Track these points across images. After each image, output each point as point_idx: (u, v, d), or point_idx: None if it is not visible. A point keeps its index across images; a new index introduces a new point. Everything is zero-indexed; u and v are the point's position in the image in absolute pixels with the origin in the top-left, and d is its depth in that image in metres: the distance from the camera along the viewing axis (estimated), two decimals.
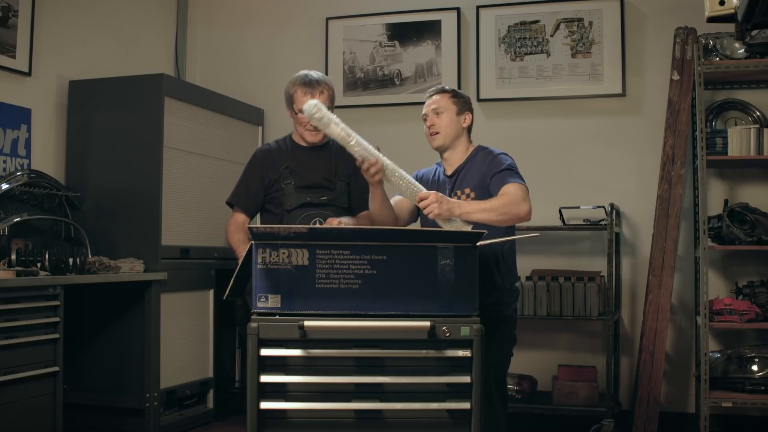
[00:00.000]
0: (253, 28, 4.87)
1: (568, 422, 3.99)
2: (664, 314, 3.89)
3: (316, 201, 2.99)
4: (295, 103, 3.00)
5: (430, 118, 2.82)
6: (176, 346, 3.84)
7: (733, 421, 3.92)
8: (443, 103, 2.82)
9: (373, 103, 4.57)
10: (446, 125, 2.80)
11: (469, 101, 2.90)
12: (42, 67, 3.81)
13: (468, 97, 2.91)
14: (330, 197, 3.02)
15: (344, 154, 3.04)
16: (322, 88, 2.98)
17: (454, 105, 2.83)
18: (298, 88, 2.99)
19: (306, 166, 3.05)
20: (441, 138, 2.80)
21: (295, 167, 3.04)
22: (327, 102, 2.97)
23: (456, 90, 2.90)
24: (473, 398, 2.10)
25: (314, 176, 3.03)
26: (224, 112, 4.29)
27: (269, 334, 2.11)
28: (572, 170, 4.29)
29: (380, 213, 2.73)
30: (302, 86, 2.98)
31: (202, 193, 4.05)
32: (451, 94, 2.85)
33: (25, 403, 2.94)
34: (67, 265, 3.26)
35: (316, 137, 3.03)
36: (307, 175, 3.03)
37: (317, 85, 2.98)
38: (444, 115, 2.80)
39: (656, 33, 4.20)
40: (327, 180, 3.05)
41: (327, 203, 3.01)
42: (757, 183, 4.03)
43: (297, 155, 3.07)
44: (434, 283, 2.15)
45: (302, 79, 3.01)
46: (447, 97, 2.84)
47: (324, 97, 2.97)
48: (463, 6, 4.49)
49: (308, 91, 2.96)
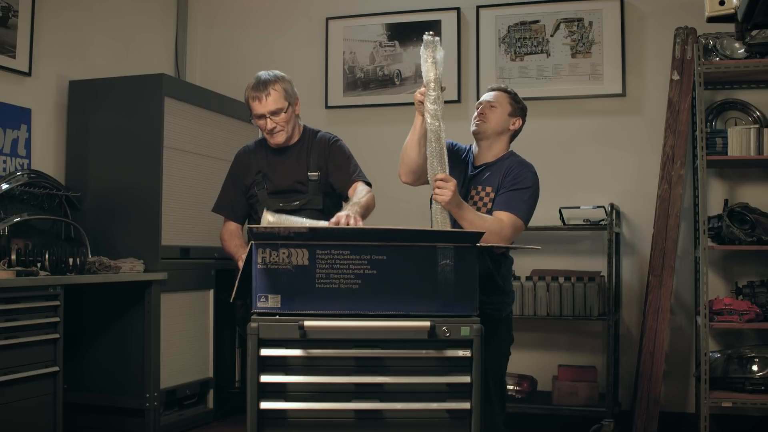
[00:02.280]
0: (253, 28, 4.88)
1: (568, 422, 3.99)
2: (664, 314, 3.89)
3: (288, 207, 2.94)
4: (251, 110, 2.97)
5: (483, 106, 2.82)
6: (176, 346, 3.84)
7: (733, 421, 3.92)
8: (501, 99, 2.83)
9: (373, 103, 4.57)
10: (496, 119, 2.79)
11: (525, 109, 2.88)
12: (42, 67, 3.81)
13: (525, 106, 2.89)
14: (303, 201, 2.98)
15: (316, 147, 3.01)
16: (269, 90, 2.91)
17: (509, 105, 2.83)
18: (248, 93, 2.95)
19: (277, 170, 3.01)
20: (485, 126, 2.78)
21: (267, 171, 3.01)
22: (279, 100, 2.91)
23: (517, 94, 2.89)
24: (473, 398, 2.10)
25: (285, 180, 2.99)
26: (224, 112, 4.28)
27: (269, 334, 2.11)
28: (572, 170, 4.29)
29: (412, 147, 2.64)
30: (251, 91, 2.94)
31: (202, 193, 4.05)
32: (512, 95, 2.86)
33: (25, 403, 2.94)
34: (67, 265, 3.26)
35: (278, 139, 2.98)
36: (278, 179, 2.99)
37: (263, 88, 2.91)
38: (497, 110, 2.80)
39: (656, 33, 4.20)
40: (298, 182, 3.00)
41: (300, 208, 2.96)
42: (757, 183, 4.03)
43: (269, 158, 3.04)
44: (434, 283, 2.14)
45: (252, 83, 2.95)
46: (506, 96, 2.84)
47: (273, 98, 2.91)
48: (463, 6, 4.49)
49: (255, 96, 2.92)
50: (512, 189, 2.67)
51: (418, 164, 2.66)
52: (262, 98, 2.91)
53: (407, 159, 2.70)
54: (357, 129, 4.46)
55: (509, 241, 2.61)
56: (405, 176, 2.75)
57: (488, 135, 2.79)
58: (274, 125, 2.94)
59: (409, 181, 2.77)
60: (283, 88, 2.94)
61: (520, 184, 2.69)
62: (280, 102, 2.92)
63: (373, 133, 4.41)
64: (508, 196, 2.66)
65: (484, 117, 2.79)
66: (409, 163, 2.70)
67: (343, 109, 4.63)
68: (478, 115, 2.81)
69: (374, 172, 3.23)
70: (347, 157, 3.06)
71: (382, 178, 3.48)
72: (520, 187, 2.68)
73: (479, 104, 2.85)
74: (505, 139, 2.84)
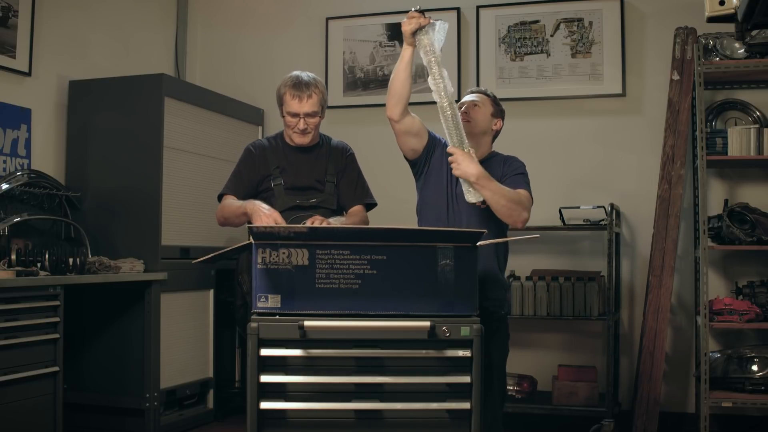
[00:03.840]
0: (253, 28, 4.87)
1: (568, 422, 3.99)
2: (664, 314, 3.89)
3: (305, 203, 2.98)
4: (285, 105, 2.98)
5: (467, 106, 2.85)
6: (176, 346, 3.84)
7: (733, 421, 3.92)
8: (483, 100, 2.89)
9: (373, 103, 4.57)
10: (480, 118, 2.84)
11: (504, 111, 2.96)
12: (42, 67, 3.81)
13: (503, 108, 2.96)
14: (319, 199, 3.01)
15: (335, 154, 3.05)
16: (311, 92, 2.95)
17: (491, 106, 2.89)
18: (287, 90, 2.97)
19: (296, 167, 3.03)
20: (470, 125, 2.81)
21: (286, 167, 3.03)
22: (317, 104, 2.97)
23: (496, 97, 2.96)
24: (473, 398, 2.10)
25: (304, 178, 3.02)
26: (224, 112, 4.29)
27: (269, 334, 2.11)
28: (572, 170, 4.29)
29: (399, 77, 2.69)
30: (291, 88, 2.96)
31: (202, 193, 4.05)
32: (492, 97, 2.93)
33: (25, 403, 2.94)
34: (67, 265, 3.26)
35: (304, 139, 3.01)
36: (297, 176, 3.02)
37: (306, 89, 2.95)
38: (480, 109, 2.85)
39: (656, 33, 4.20)
40: (317, 181, 3.04)
41: (316, 205, 2.99)
42: (757, 183, 4.03)
43: (288, 155, 3.06)
44: (434, 283, 2.15)
45: (292, 80, 2.98)
46: (488, 98, 2.91)
47: (312, 101, 2.95)
48: (463, 6, 4.49)
49: (296, 94, 2.94)
50: (515, 174, 2.78)
51: (403, 94, 2.71)
52: (303, 98, 2.95)
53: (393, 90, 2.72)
54: (357, 129, 4.46)
55: (529, 212, 2.69)
56: (391, 109, 2.73)
57: (475, 134, 2.82)
58: (305, 126, 2.99)
59: (396, 114, 2.73)
60: (322, 92, 3.02)
61: (519, 170, 2.81)
62: (317, 106, 2.98)
63: (373, 133, 4.40)
64: (515, 179, 2.75)
65: (468, 117, 2.82)
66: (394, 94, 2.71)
67: (343, 109, 4.63)
68: (462, 116, 2.82)
69: (374, 172, 3.24)
70: (357, 174, 3.14)
71: (382, 178, 3.49)
72: (520, 172, 2.80)
73: (461, 105, 2.87)
74: (488, 140, 2.90)
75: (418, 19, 2.62)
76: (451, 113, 2.59)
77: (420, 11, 2.64)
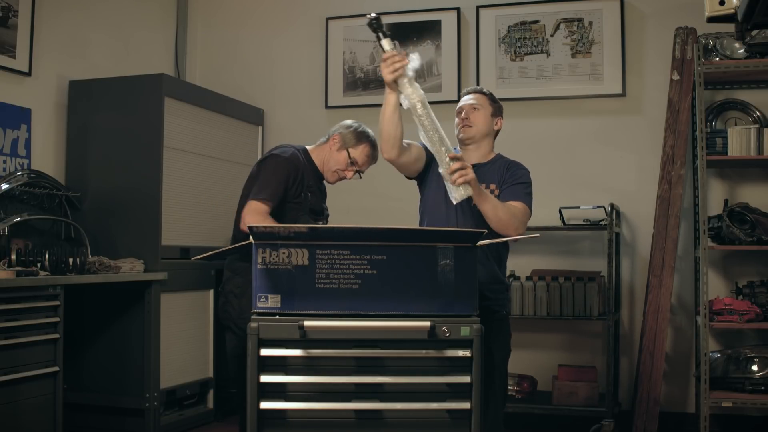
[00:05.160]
0: (253, 28, 4.87)
1: (568, 422, 3.99)
2: (664, 314, 3.89)
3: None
4: (355, 155, 3.04)
5: (466, 110, 2.82)
6: (176, 346, 3.84)
7: (733, 421, 3.92)
8: (482, 101, 2.85)
9: (373, 103, 4.55)
10: (481, 121, 2.82)
11: (502, 108, 2.92)
12: (42, 67, 3.81)
13: (501, 105, 2.92)
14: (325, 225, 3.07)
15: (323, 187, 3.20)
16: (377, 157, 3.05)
17: (490, 106, 2.86)
18: (369, 149, 3.07)
19: (317, 190, 3.10)
20: (473, 130, 2.80)
21: (315, 189, 3.08)
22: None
23: (493, 94, 2.92)
24: (473, 398, 2.10)
25: (319, 204, 3.10)
26: (224, 112, 4.29)
27: (269, 334, 2.11)
28: (572, 170, 4.29)
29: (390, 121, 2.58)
30: (372, 149, 3.07)
31: (202, 193, 4.06)
32: (489, 96, 2.89)
33: (25, 403, 2.94)
34: (67, 265, 3.26)
35: (335, 181, 3.12)
36: (316, 200, 3.07)
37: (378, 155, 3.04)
38: (481, 112, 2.82)
39: (656, 33, 4.20)
40: (324, 208, 3.13)
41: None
42: (757, 183, 4.03)
43: (316, 180, 3.11)
44: (434, 283, 2.14)
45: (373, 142, 3.07)
46: (485, 98, 2.87)
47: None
48: (463, 6, 4.49)
49: (374, 157, 3.08)
50: (515, 183, 2.74)
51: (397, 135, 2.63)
52: (375, 161, 3.09)
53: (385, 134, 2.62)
54: None
55: (525, 227, 2.67)
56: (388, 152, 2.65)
57: (477, 138, 2.81)
58: (351, 178, 3.12)
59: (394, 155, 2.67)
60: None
61: (521, 179, 2.76)
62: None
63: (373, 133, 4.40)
64: (514, 189, 2.72)
65: (469, 122, 2.80)
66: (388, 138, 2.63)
67: (343, 109, 4.63)
68: (461, 121, 2.81)
69: (374, 172, 3.23)
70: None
71: (382, 178, 3.48)
72: (521, 182, 2.76)
73: (460, 109, 2.85)
74: (490, 141, 2.88)
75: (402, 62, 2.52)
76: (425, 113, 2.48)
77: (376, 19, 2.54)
